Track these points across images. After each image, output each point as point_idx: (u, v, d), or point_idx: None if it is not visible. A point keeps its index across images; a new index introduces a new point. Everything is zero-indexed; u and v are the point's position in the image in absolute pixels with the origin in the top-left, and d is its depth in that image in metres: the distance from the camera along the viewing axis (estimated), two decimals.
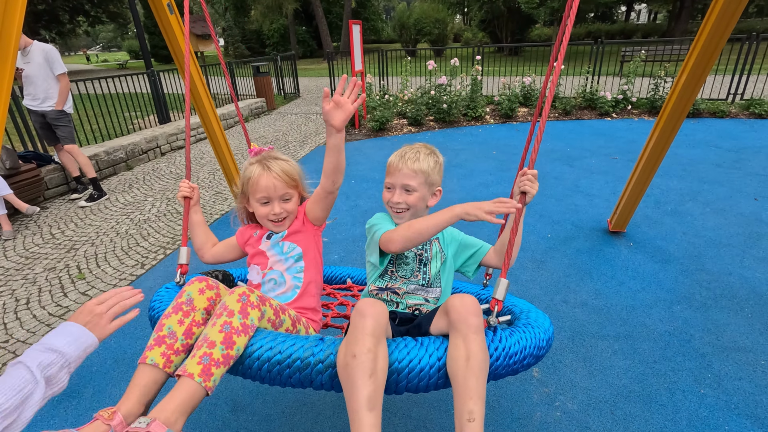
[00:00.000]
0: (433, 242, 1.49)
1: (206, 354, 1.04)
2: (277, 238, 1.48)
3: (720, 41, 2.35)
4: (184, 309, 1.16)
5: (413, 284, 1.41)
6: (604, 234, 3.44)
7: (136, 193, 4.91)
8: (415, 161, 1.38)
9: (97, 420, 0.98)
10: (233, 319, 1.08)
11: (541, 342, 1.20)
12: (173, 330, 1.14)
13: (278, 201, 1.44)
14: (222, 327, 1.07)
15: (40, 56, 4.21)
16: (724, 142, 5.78)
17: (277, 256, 1.46)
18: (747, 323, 2.37)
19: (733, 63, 7.88)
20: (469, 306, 1.06)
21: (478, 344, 1.03)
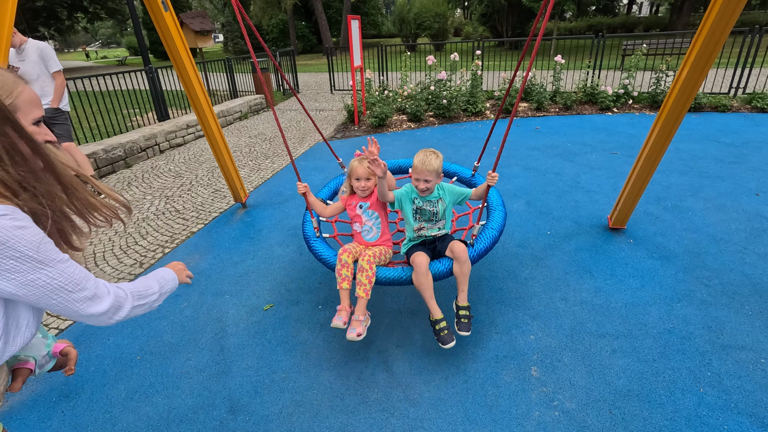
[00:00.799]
0: (440, 202, 2.37)
1: (364, 288, 2.16)
2: (365, 207, 2.48)
3: (722, 34, 2.31)
4: (345, 265, 2.23)
5: (430, 224, 2.40)
6: (604, 231, 3.42)
7: (135, 191, 4.89)
8: (429, 165, 2.25)
9: (342, 311, 2.14)
10: (368, 271, 2.19)
11: (496, 238, 2.40)
12: (346, 274, 2.21)
13: (364, 179, 2.42)
14: (365, 276, 2.18)
15: (35, 54, 4.18)
16: (725, 137, 5.73)
17: (366, 217, 2.48)
18: (748, 321, 2.36)
19: (736, 56, 7.81)
20: (461, 250, 2.19)
21: (465, 264, 2.19)
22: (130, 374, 2.24)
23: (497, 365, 2.15)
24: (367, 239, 2.49)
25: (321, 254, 2.45)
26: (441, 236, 2.41)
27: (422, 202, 2.36)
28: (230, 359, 2.30)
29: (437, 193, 2.37)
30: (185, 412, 1.99)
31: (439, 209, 2.36)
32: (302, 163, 5.61)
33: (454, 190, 2.43)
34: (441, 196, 2.37)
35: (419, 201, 2.36)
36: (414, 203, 2.38)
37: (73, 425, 1.95)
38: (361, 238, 2.49)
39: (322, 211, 2.64)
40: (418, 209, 2.38)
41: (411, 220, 2.42)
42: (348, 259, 2.24)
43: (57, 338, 1.28)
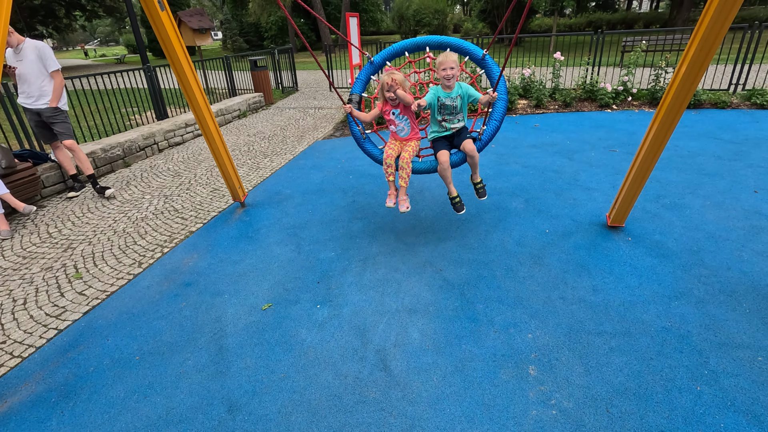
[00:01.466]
0: (458, 98, 3.03)
1: (404, 178, 3.07)
2: (396, 113, 3.13)
3: (721, 30, 2.30)
4: (389, 164, 3.10)
5: (452, 116, 3.08)
6: (602, 229, 3.42)
7: (134, 190, 4.89)
8: (451, 55, 3.00)
9: (391, 196, 3.15)
10: (407, 166, 3.07)
11: (496, 127, 3.17)
12: (391, 164, 3.09)
13: (392, 90, 3.01)
14: (405, 171, 3.06)
15: (33, 53, 4.17)
16: (725, 134, 5.73)
17: (398, 120, 3.15)
18: (745, 319, 2.36)
19: (735, 52, 7.79)
20: (471, 148, 2.99)
21: (476, 157, 3.04)
22: (129, 374, 2.24)
23: (495, 364, 2.16)
24: (402, 136, 3.21)
25: (371, 151, 3.35)
26: (458, 129, 3.12)
27: (445, 97, 3.01)
28: (229, 359, 2.30)
29: (457, 90, 3.02)
30: (184, 411, 2.00)
31: (458, 103, 3.03)
32: (301, 162, 5.61)
33: (469, 89, 3.06)
34: (459, 93, 3.04)
35: (443, 97, 3.03)
36: (439, 101, 3.05)
37: (72, 425, 1.96)
38: (397, 135, 3.21)
39: (365, 118, 3.28)
40: (442, 105, 3.05)
41: (436, 114, 3.12)
42: (390, 160, 3.10)
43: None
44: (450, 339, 2.34)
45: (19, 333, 2.60)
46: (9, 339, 2.56)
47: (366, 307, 2.65)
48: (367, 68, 3.48)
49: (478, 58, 3.24)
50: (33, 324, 2.68)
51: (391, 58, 3.46)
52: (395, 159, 3.10)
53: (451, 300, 2.66)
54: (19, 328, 2.64)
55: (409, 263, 3.09)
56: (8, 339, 2.55)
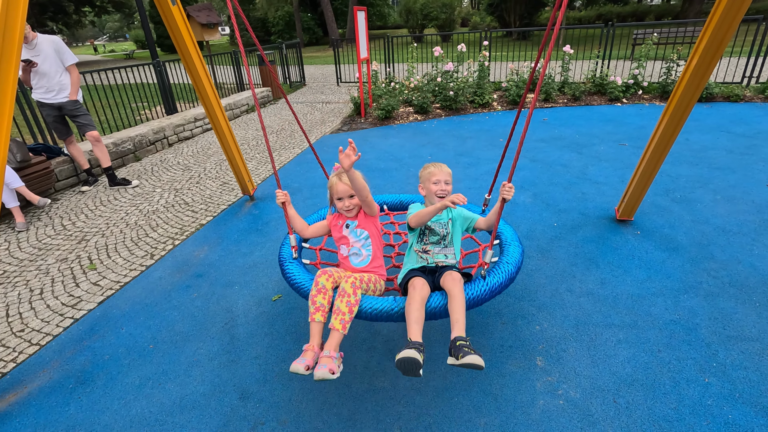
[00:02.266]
0: (449, 223, 2.19)
1: (341, 318, 1.78)
2: (352, 226, 2.18)
3: (733, 22, 2.28)
4: (322, 291, 1.86)
5: (438, 248, 2.16)
6: (611, 222, 3.41)
7: (145, 184, 4.96)
8: (445, 167, 2.23)
9: (308, 351, 1.73)
10: (350, 297, 1.82)
11: (512, 274, 2.01)
12: (322, 303, 1.84)
13: (346, 197, 2.15)
14: (346, 303, 1.81)
15: (50, 48, 4.24)
16: (737, 128, 5.65)
17: (354, 238, 2.18)
18: (755, 312, 2.35)
19: (749, 45, 7.65)
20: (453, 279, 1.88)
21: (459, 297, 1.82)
22: (143, 362, 2.30)
23: (502, 355, 2.18)
24: (356, 264, 2.14)
25: (295, 279, 2.03)
26: (445, 266, 2.08)
27: (433, 221, 2.16)
28: (240, 348, 2.35)
29: (447, 213, 2.20)
30: (197, 398, 2.04)
31: (449, 231, 2.17)
32: (308, 156, 5.64)
33: (462, 213, 2.26)
34: (451, 216, 2.21)
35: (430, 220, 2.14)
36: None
37: (89, 410, 2.02)
38: (349, 263, 2.15)
39: (303, 229, 2.30)
40: (427, 228, 2.17)
41: (416, 242, 2.19)
42: (327, 284, 1.85)
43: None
44: None
45: (36, 322, 2.67)
46: (27, 327, 2.62)
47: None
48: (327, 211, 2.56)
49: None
50: (50, 313, 2.75)
51: None
52: (333, 289, 1.88)
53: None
54: (37, 317, 2.71)
55: None
56: (26, 327, 2.62)
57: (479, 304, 1.90)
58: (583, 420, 1.80)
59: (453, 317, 1.78)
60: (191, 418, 1.94)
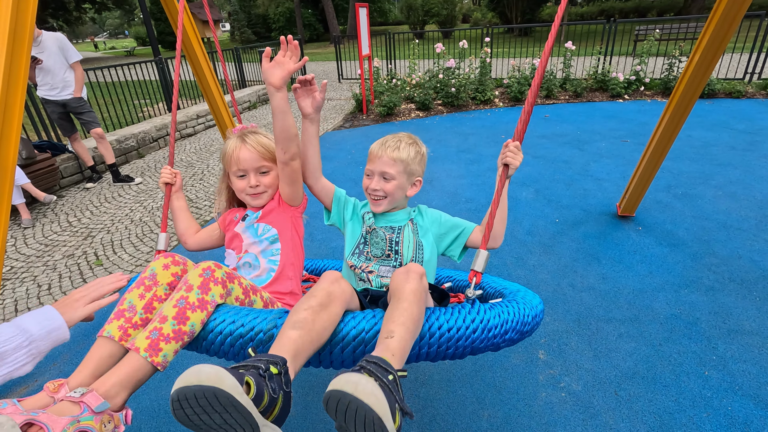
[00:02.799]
0: (406, 227, 1.41)
1: (156, 329, 1.00)
2: (251, 219, 1.42)
3: (736, 17, 2.29)
4: (146, 283, 1.12)
5: (386, 265, 1.37)
6: (612, 218, 3.44)
7: (149, 180, 4.99)
8: (395, 150, 1.36)
9: (43, 392, 0.95)
10: (191, 294, 1.05)
11: (526, 318, 1.15)
12: (133, 304, 1.09)
13: (254, 173, 1.40)
14: (177, 302, 1.03)
15: (54, 45, 4.27)
16: (739, 124, 5.66)
17: (252, 238, 1.40)
18: (755, 306, 2.38)
19: (751, 41, 7.64)
20: (411, 272, 1.08)
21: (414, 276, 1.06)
22: None
23: (505, 348, 2.21)
24: (249, 276, 1.40)
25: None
26: None
27: (378, 223, 1.41)
28: None
29: (407, 214, 1.45)
30: None
31: (403, 241, 1.36)
32: None
33: (441, 219, 1.44)
34: (413, 218, 1.44)
35: (373, 218, 1.42)
36: (365, 221, 1.43)
37: None
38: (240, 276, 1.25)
39: (186, 231, 1.55)
40: (367, 232, 1.40)
41: (350, 252, 1.42)
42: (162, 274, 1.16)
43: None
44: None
45: None
46: None
47: None
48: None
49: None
50: None
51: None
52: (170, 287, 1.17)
53: None
54: None
55: None
56: None
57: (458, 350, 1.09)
58: (585, 412, 1.83)
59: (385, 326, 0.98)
60: None
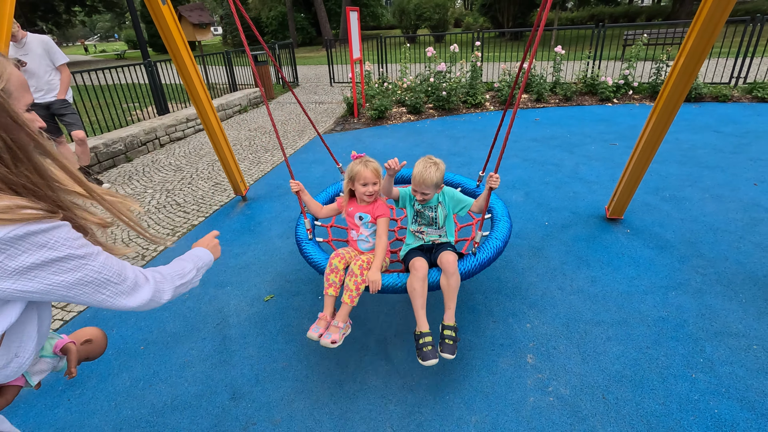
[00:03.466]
0: (438, 206, 2.30)
1: (350, 294, 2.05)
2: (365, 219, 2.32)
3: (719, 23, 2.31)
4: (335, 271, 2.11)
5: (431, 229, 2.33)
6: (601, 221, 3.45)
7: (136, 185, 4.92)
8: (429, 178, 2.15)
9: (321, 319, 2.04)
10: (357, 278, 2.05)
11: (500, 248, 2.26)
12: (334, 280, 2.10)
13: (371, 185, 2.25)
14: (354, 282, 2.05)
15: (40, 47, 4.20)
16: (725, 127, 5.73)
17: (364, 228, 2.34)
18: (741, 308, 2.39)
19: (737, 46, 7.76)
20: (449, 261, 2.06)
21: (453, 277, 2.04)
22: (134, 364, 2.29)
23: (494, 353, 2.19)
24: (363, 248, 2.35)
25: (312, 258, 2.34)
26: (441, 243, 2.30)
27: (421, 206, 2.31)
28: (232, 348, 2.34)
29: (436, 199, 2.30)
30: (188, 399, 2.04)
31: (438, 215, 2.28)
32: (302, 156, 5.63)
33: (454, 197, 2.35)
34: (441, 200, 2.31)
35: (418, 205, 2.31)
36: (414, 206, 2.34)
37: (79, 413, 2.00)
38: (357, 246, 2.36)
39: (317, 211, 2.53)
40: (417, 212, 2.33)
41: (411, 222, 2.39)
42: (339, 264, 2.13)
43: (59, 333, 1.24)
44: None
45: None
46: None
47: (368, 297, 2.68)
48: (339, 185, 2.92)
49: (472, 190, 2.83)
50: None
51: None
52: (344, 269, 2.14)
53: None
54: None
55: None
56: None
57: (471, 276, 2.18)
58: (572, 416, 1.82)
59: (446, 303, 2.04)
60: (182, 419, 1.94)
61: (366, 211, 2.31)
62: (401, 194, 2.38)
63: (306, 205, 2.54)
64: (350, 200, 2.39)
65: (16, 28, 4.08)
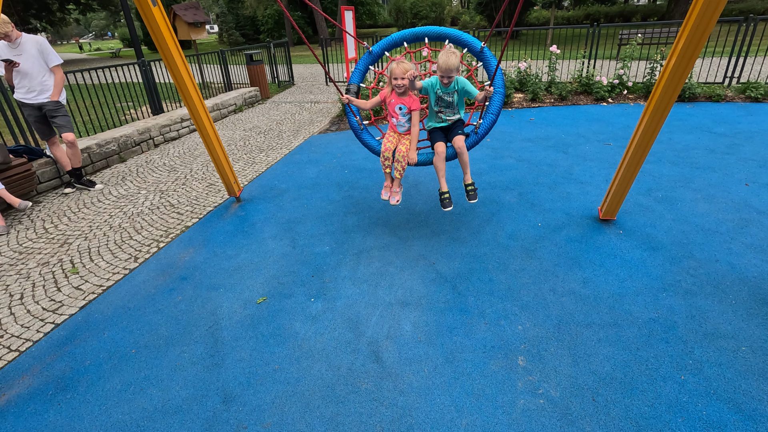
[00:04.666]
0: (454, 93, 3.07)
1: (398, 168, 3.08)
2: (404, 110, 3.08)
3: (709, 23, 2.32)
4: (386, 157, 3.11)
5: (448, 110, 3.16)
6: (594, 222, 3.46)
7: (130, 186, 4.90)
8: (452, 62, 2.88)
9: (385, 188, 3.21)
10: (402, 158, 3.04)
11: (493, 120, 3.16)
12: (387, 156, 3.09)
13: (400, 78, 2.95)
14: (399, 161, 3.05)
15: (34, 48, 4.17)
16: (718, 127, 5.75)
17: (402, 116, 3.11)
18: (731, 310, 2.41)
19: (730, 45, 7.79)
20: (460, 144, 3.01)
21: (465, 154, 3.01)
22: (125, 367, 2.28)
23: (485, 355, 2.20)
24: (401, 131, 3.19)
25: (368, 142, 3.38)
26: (455, 121, 3.19)
27: (443, 92, 3.05)
28: (224, 351, 2.34)
29: (453, 86, 3.02)
30: (179, 403, 2.03)
31: (454, 99, 3.09)
32: (297, 156, 5.62)
33: (466, 87, 3.05)
34: (456, 88, 3.06)
35: (440, 91, 3.06)
36: (436, 93, 3.09)
37: (69, 417, 2.00)
38: (396, 129, 3.18)
39: (364, 105, 3.26)
40: (439, 98, 3.11)
41: (433, 105, 3.17)
42: (388, 153, 3.11)
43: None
44: (441, 331, 2.38)
45: (16, 327, 2.63)
46: (6, 333, 2.58)
47: (359, 299, 2.68)
48: (365, 58, 3.47)
49: (476, 51, 3.25)
50: (30, 318, 2.71)
51: (390, 48, 3.47)
52: (392, 152, 3.10)
53: (444, 293, 2.69)
54: (17, 323, 2.67)
55: (402, 257, 3.12)
56: (5, 333, 2.58)
57: (475, 145, 3.20)
58: (562, 419, 1.83)
59: (463, 168, 3.07)
60: (173, 423, 1.93)
61: (404, 103, 3.07)
62: (424, 84, 3.11)
63: (357, 105, 3.31)
64: (392, 93, 3.10)
65: (10, 28, 4.05)
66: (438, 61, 2.94)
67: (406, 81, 2.94)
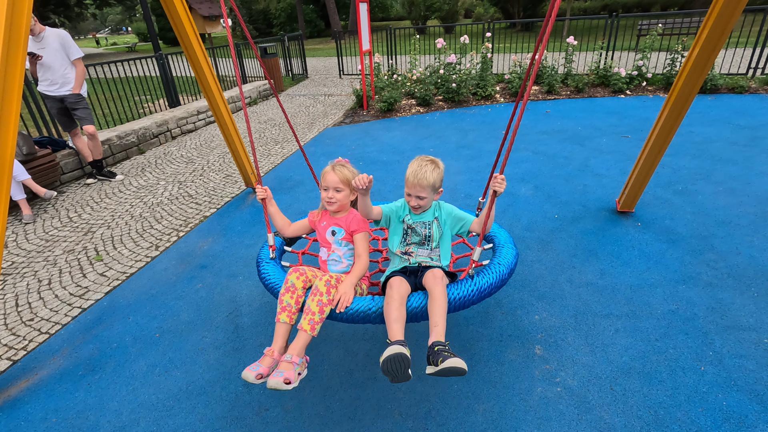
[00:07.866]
0: (433, 222, 2.00)
1: (311, 318, 1.68)
2: (338, 235, 2.02)
3: (734, 12, 2.27)
4: (291, 290, 1.77)
5: (421, 249, 2.01)
6: (611, 214, 3.43)
7: (149, 176, 5.00)
8: (423, 178, 1.87)
9: (266, 356, 1.66)
10: (323, 297, 1.71)
11: (504, 277, 1.87)
12: (289, 302, 1.75)
13: (332, 189, 1.96)
14: (317, 303, 1.70)
15: (56, 41, 4.27)
16: (741, 119, 5.62)
17: (336, 245, 2.04)
18: (753, 302, 2.38)
19: (755, 35, 7.58)
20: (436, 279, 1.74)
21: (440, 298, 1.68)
22: (150, 350, 2.35)
23: (501, 344, 2.22)
24: (334, 270, 1.99)
25: (269, 279, 1.94)
26: (430, 266, 1.91)
27: (414, 221, 1.98)
28: (244, 337, 2.40)
29: (432, 213, 2.00)
30: (203, 385, 2.10)
31: (433, 233, 1.97)
32: (312, 148, 5.66)
33: (453, 213, 2.03)
34: (437, 216, 2.00)
35: (411, 219, 1.99)
36: (405, 222, 2.00)
37: (98, 396, 2.08)
38: (326, 268, 2.01)
39: (284, 227, 2.18)
40: (408, 228, 1.99)
41: (397, 243, 2.02)
42: (297, 282, 1.75)
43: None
44: (458, 320, 2.40)
45: (45, 311, 2.73)
46: (36, 316, 2.68)
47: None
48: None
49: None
50: (58, 303, 2.81)
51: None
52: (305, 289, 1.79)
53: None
54: (46, 307, 2.77)
55: None
56: (36, 316, 2.68)
57: (465, 306, 1.75)
58: (579, 406, 1.84)
59: (432, 320, 1.63)
60: (197, 403, 2.00)
61: (339, 225, 1.98)
62: (384, 211, 2.01)
63: (271, 218, 2.15)
64: (323, 213, 2.09)
65: (33, 22, 4.15)
66: (406, 174, 1.93)
67: (343, 195, 1.95)
